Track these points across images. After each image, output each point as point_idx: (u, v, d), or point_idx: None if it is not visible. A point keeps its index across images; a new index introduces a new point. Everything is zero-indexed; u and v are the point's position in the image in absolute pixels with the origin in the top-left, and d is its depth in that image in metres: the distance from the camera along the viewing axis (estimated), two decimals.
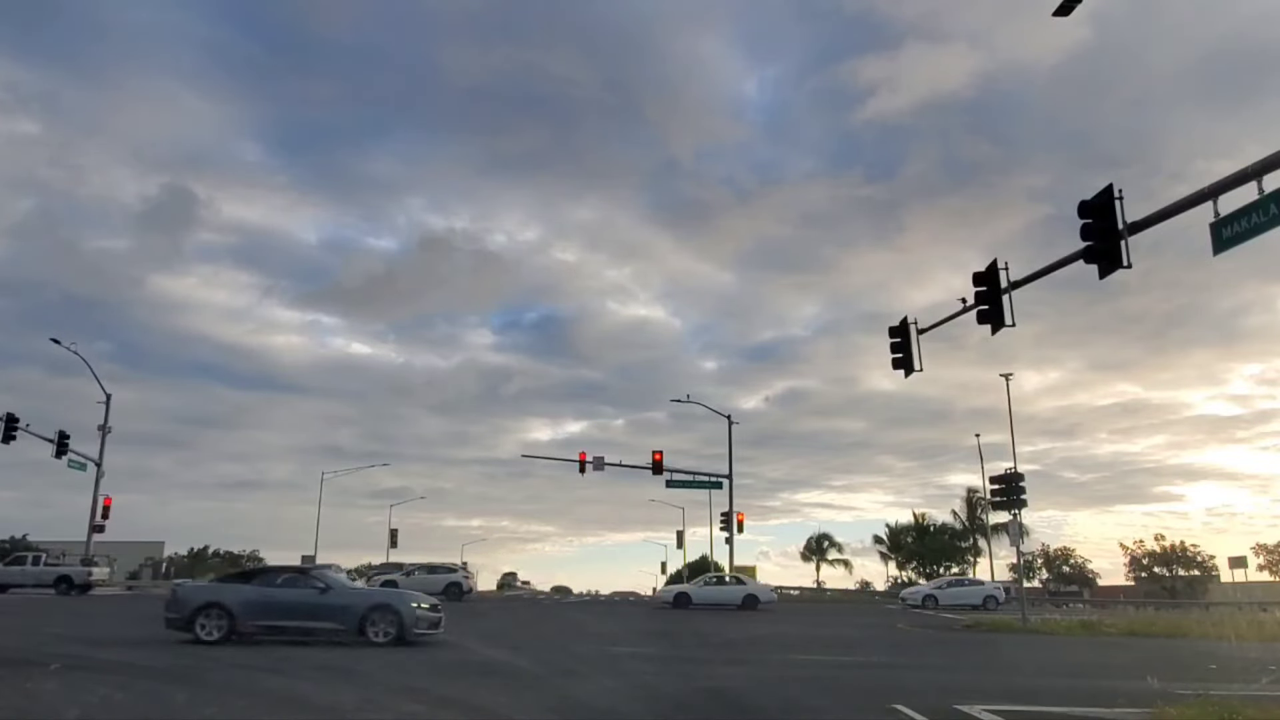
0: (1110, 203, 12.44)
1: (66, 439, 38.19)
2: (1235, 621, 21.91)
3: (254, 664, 10.93)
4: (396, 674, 10.29)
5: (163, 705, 7.67)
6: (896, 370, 18.49)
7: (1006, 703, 8.61)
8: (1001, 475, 25.60)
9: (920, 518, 69.15)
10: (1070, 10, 11.40)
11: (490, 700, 8.36)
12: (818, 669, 12.32)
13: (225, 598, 13.66)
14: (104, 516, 39.97)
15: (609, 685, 9.82)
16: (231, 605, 13.48)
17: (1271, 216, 10.24)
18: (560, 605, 36.35)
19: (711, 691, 9.48)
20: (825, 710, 8.83)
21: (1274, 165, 10.29)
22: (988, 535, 59.33)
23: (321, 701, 8.19)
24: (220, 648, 12.76)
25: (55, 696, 7.81)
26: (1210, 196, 11.16)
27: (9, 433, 35.37)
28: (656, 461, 44.08)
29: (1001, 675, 12.33)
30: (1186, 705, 7.63)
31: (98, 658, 11.06)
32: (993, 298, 15.28)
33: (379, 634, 13.51)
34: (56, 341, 37.90)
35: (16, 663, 10.10)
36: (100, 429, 40.13)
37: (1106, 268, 12.52)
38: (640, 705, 8.52)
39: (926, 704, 8.30)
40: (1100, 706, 8.73)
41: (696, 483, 47.10)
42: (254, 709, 7.81)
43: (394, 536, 67.46)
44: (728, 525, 44.34)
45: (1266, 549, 61.94)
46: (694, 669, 11.67)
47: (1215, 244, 11.03)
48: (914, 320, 18.36)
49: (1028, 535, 48.07)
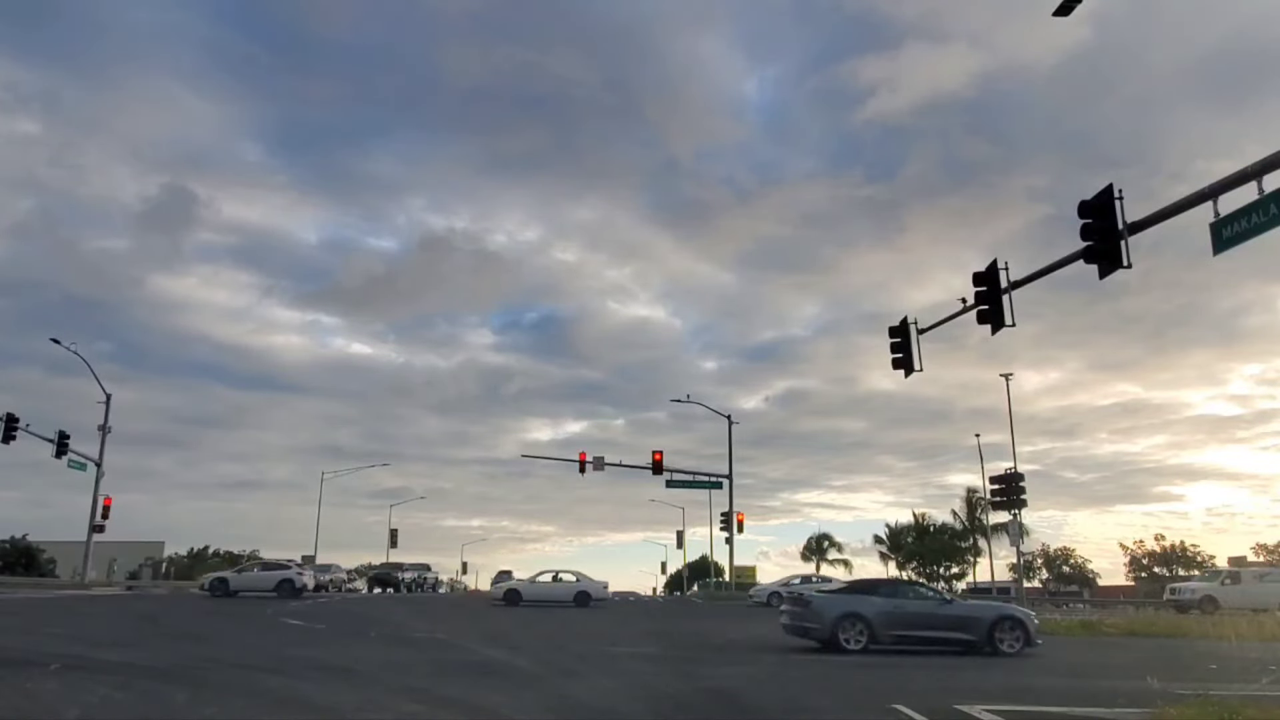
0: (1110, 203, 12.45)
1: (66, 439, 38.20)
2: (1235, 621, 21.90)
3: (254, 664, 10.93)
4: (396, 674, 10.29)
5: (163, 705, 7.66)
6: (896, 370, 18.51)
7: (1006, 703, 8.61)
8: (1001, 475, 25.66)
9: (920, 518, 69.29)
10: (1070, 10, 11.41)
11: (490, 700, 8.36)
12: (818, 669, 12.31)
13: (863, 609, 14.27)
14: (104, 516, 39.99)
15: (609, 685, 9.82)
16: (869, 616, 14.15)
17: (1271, 216, 10.25)
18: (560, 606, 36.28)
19: (711, 691, 9.47)
20: (825, 710, 8.82)
21: (1274, 165, 10.30)
22: (988, 535, 59.34)
23: (321, 701, 8.18)
24: (221, 649, 12.76)
25: (55, 696, 7.80)
26: (1210, 196, 11.17)
27: (9, 433, 35.39)
28: (656, 461, 44.09)
29: (1001, 675, 12.32)
30: (1187, 705, 7.63)
31: (98, 658, 11.05)
32: (993, 298, 15.29)
33: (1009, 644, 14.38)
34: (56, 341, 37.94)
35: (16, 663, 10.08)
36: (100, 429, 40.15)
37: (1106, 268, 12.52)
38: (640, 705, 8.51)
39: (926, 704, 8.30)
40: (1100, 706, 8.73)
41: (696, 483, 47.14)
42: (254, 709, 7.81)
43: (394, 536, 67.61)
44: (728, 525, 44.37)
45: (1266, 549, 62.07)
46: (694, 669, 11.67)
47: (1215, 244, 11.04)
48: (914, 320, 18.38)
49: (1028, 535, 48.05)
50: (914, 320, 18.35)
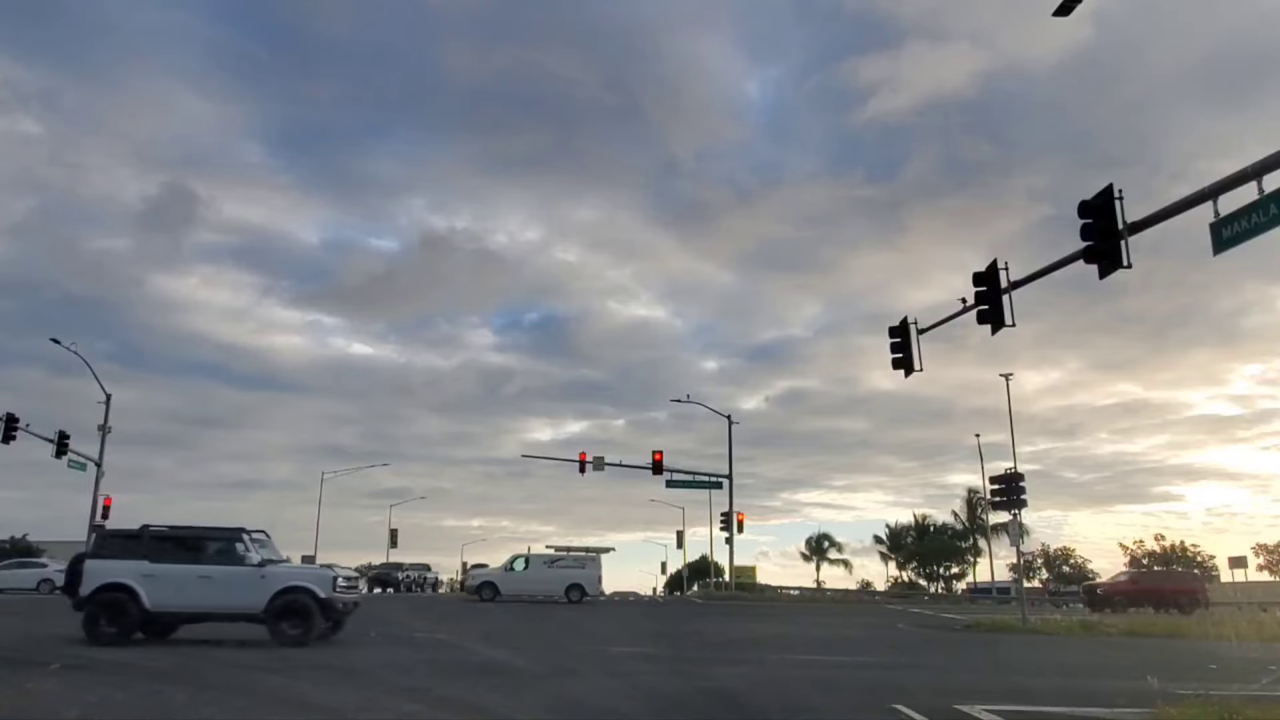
0: (1110, 203, 12.45)
1: (66, 439, 38.18)
2: (1235, 621, 21.91)
3: (254, 664, 10.93)
4: (396, 674, 10.29)
5: (163, 705, 7.66)
6: (897, 370, 18.50)
7: (1006, 703, 8.61)
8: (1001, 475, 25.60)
9: (920, 518, 69.27)
10: (1070, 10, 11.41)
11: (490, 700, 8.36)
12: (817, 669, 12.31)
13: None
14: (104, 516, 39.95)
15: (609, 685, 9.82)
16: None
17: (1271, 216, 10.25)
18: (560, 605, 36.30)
19: (711, 691, 9.48)
20: (825, 710, 8.83)
21: (1274, 165, 10.30)
22: (988, 535, 59.37)
23: (321, 701, 8.18)
24: (221, 649, 12.76)
25: (55, 696, 7.81)
26: (1210, 196, 11.17)
27: (9, 433, 35.36)
28: (656, 461, 44.10)
29: (1001, 675, 12.33)
30: (1187, 705, 7.62)
31: (98, 658, 11.06)
32: (993, 298, 15.29)
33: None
34: (56, 341, 37.91)
35: (16, 663, 10.10)
36: (100, 429, 40.13)
37: (1106, 268, 12.52)
38: (640, 705, 8.51)
39: (926, 704, 8.30)
40: (1100, 706, 8.73)
41: (696, 483, 47.13)
42: (254, 709, 7.81)
43: (394, 536, 67.55)
44: (728, 525, 44.36)
45: (1266, 549, 62.08)
46: (694, 669, 11.67)
47: (1215, 244, 11.04)
48: (914, 320, 18.37)
49: (1028, 535, 48.09)
50: (914, 320, 18.34)
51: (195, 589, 13.41)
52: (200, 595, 13.43)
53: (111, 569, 13.45)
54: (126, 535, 14.35)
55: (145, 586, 13.30)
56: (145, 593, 13.26)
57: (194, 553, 13.80)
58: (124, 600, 13.20)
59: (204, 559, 13.74)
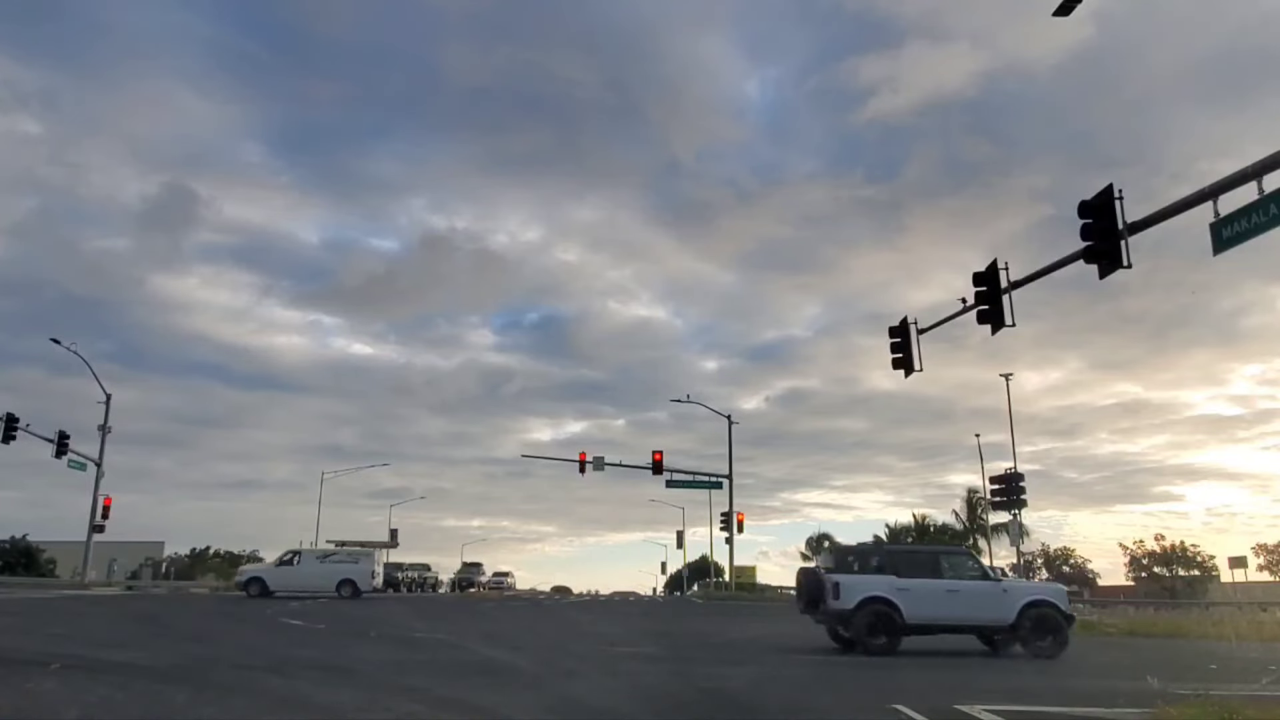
0: (1110, 203, 12.46)
1: (66, 439, 38.22)
2: (1235, 621, 21.90)
3: (254, 664, 10.92)
4: (396, 674, 10.28)
5: (163, 705, 7.65)
6: (897, 370, 18.53)
7: (1006, 702, 8.60)
8: (1002, 475, 25.68)
9: (920, 518, 69.13)
10: (1070, 10, 11.42)
11: (491, 700, 8.36)
12: (818, 669, 12.31)
13: None
14: (104, 516, 40.00)
15: (609, 685, 9.82)
16: None
17: (1271, 216, 10.26)
18: (560, 605, 36.34)
19: (711, 691, 9.47)
20: (825, 710, 8.82)
21: (1274, 165, 10.31)
22: (988, 535, 59.22)
23: (321, 701, 8.17)
24: (221, 649, 12.76)
25: (55, 696, 7.80)
26: (1210, 196, 11.18)
27: (9, 433, 35.41)
28: (656, 461, 44.13)
29: (1001, 675, 12.32)
30: (1187, 705, 7.61)
31: (98, 658, 11.04)
32: (993, 298, 15.31)
33: None
34: (56, 341, 37.98)
35: (16, 663, 10.08)
36: (100, 429, 40.17)
37: (1106, 268, 12.54)
38: (640, 705, 8.51)
39: (926, 704, 8.29)
40: (1100, 706, 8.72)
41: (696, 483, 47.18)
42: (254, 709, 7.80)
43: (394, 536, 67.55)
44: (728, 525, 44.41)
45: (1267, 549, 62.05)
46: (694, 669, 11.66)
47: (1215, 244, 11.05)
48: (914, 320, 18.40)
49: (1028, 535, 48.03)
50: (914, 320, 18.37)
51: (945, 602, 14.28)
52: (950, 608, 14.32)
53: (868, 584, 14.40)
54: (865, 551, 16.06)
55: (901, 599, 14.19)
56: (903, 605, 14.15)
57: (935, 569, 14.75)
58: (887, 612, 14.15)
59: (946, 574, 14.67)
